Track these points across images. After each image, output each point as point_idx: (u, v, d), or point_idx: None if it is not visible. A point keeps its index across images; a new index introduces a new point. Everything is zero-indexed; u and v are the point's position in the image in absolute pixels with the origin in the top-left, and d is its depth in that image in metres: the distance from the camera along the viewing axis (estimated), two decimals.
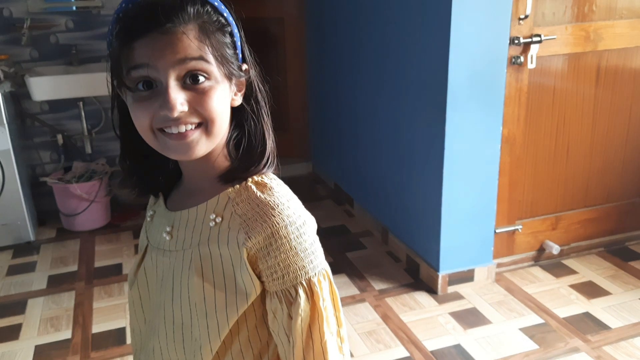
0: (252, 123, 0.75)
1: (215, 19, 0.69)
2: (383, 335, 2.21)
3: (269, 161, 0.76)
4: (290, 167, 3.84)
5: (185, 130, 0.67)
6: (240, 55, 0.73)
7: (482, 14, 2.15)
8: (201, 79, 0.66)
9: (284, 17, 3.81)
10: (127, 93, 0.69)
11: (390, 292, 2.52)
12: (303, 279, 0.70)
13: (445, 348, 2.13)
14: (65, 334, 2.29)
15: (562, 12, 2.37)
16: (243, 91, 0.75)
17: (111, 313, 2.42)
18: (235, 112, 0.75)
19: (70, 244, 3.10)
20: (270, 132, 0.77)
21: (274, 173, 0.78)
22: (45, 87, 2.98)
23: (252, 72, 0.76)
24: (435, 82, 2.27)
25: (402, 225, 2.77)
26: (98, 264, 2.88)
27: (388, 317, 2.32)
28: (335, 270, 2.65)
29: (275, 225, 0.69)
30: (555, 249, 2.64)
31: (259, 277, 0.71)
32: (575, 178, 2.66)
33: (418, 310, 2.37)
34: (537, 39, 2.30)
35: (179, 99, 0.65)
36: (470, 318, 2.31)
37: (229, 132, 0.74)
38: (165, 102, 0.64)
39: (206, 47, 0.66)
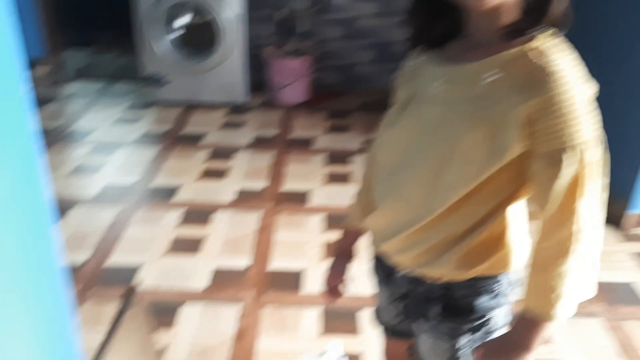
0: None
1: None
2: None
3: (558, 21, 0.76)
4: None
5: None
6: None
7: None
8: None
9: None
10: None
11: None
12: (572, 143, 0.73)
13: (615, 283, 2.05)
14: (264, 184, 2.67)
15: None
16: None
17: (301, 177, 2.75)
18: None
19: (274, 112, 3.49)
20: None
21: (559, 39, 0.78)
22: None
23: None
24: None
25: None
26: (295, 134, 3.22)
27: None
28: None
29: (553, 90, 0.72)
30: None
31: (525, 139, 0.75)
32: None
33: None
34: None
35: None
36: None
37: None
38: None
39: None
